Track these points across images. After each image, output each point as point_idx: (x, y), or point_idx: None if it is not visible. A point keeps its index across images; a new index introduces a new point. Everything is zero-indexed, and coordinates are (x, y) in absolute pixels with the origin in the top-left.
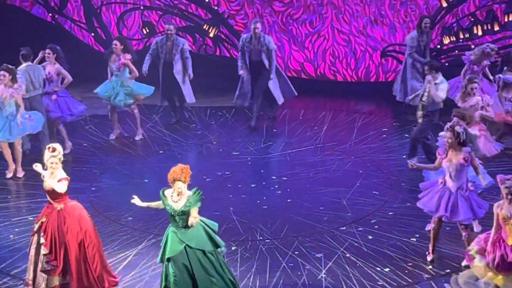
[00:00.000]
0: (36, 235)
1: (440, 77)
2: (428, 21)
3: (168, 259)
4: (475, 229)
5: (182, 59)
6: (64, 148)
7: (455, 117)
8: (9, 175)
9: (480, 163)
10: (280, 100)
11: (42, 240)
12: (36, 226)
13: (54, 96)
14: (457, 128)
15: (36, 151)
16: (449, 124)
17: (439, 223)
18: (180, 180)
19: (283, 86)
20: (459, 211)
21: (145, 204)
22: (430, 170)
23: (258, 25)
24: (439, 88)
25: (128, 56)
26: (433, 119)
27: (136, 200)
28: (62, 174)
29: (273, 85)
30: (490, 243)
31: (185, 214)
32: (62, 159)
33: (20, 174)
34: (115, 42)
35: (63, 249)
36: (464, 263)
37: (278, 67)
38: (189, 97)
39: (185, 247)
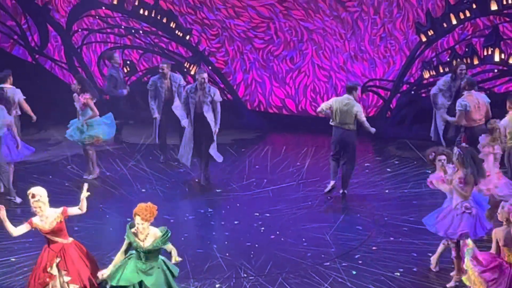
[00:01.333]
0: (55, 277)
1: None
2: (464, 68)
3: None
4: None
5: (213, 110)
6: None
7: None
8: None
9: None
10: (219, 158)
11: (67, 279)
12: (53, 269)
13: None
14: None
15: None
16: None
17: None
18: (139, 216)
19: None
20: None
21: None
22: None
23: (205, 75)
24: None
25: (87, 96)
26: None
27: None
28: (52, 210)
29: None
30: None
31: (150, 252)
32: (46, 199)
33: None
34: (73, 82)
35: (88, 280)
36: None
37: None
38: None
39: (140, 281)
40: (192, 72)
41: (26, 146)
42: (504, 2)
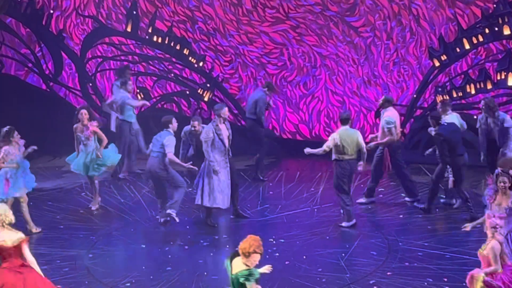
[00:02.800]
0: None
1: None
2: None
3: None
4: None
5: None
6: None
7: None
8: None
9: None
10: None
11: None
12: None
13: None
14: (511, 172)
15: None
16: (500, 169)
17: None
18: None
19: None
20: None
21: None
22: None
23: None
24: None
25: (95, 123)
26: None
27: None
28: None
29: None
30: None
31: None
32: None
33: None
34: (82, 111)
35: None
36: None
37: None
38: None
39: None
40: (206, 99)
41: None
42: None
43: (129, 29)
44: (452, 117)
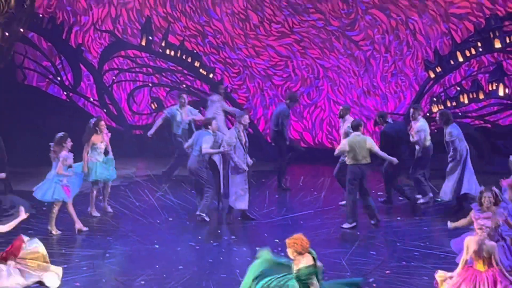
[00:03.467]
0: None
1: None
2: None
3: None
4: None
5: None
6: None
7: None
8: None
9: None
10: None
11: None
12: None
13: None
14: (494, 189)
15: None
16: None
17: None
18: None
19: None
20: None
21: None
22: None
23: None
24: None
25: (109, 133)
26: None
27: None
28: None
29: None
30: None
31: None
32: None
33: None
34: (101, 122)
35: None
36: None
37: None
38: None
39: None
40: None
41: None
42: (508, 40)
43: (143, 43)
44: (422, 123)
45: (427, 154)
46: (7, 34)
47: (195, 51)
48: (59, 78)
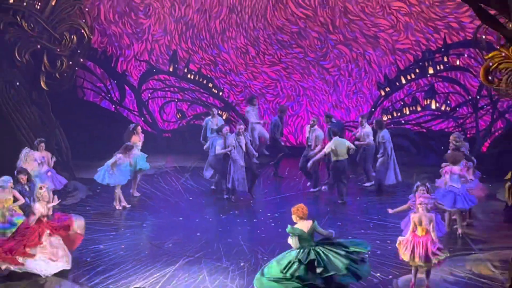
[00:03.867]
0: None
1: None
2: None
3: None
4: None
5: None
6: None
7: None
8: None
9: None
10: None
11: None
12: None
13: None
14: (427, 184)
15: None
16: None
17: None
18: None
19: None
20: None
21: None
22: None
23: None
24: None
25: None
26: None
27: None
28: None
29: None
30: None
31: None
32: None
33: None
34: (139, 127)
35: None
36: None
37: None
38: None
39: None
40: (224, 117)
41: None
42: (438, 68)
43: (171, 69)
44: (369, 129)
45: (371, 150)
46: (70, 63)
47: (208, 76)
48: (109, 95)
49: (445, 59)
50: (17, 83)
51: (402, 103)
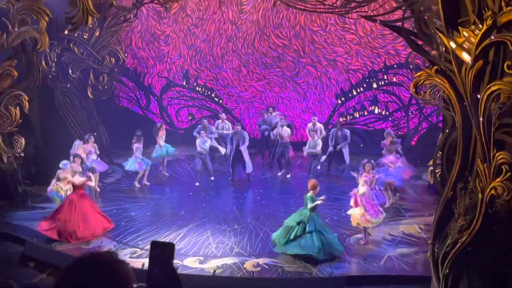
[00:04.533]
0: None
1: None
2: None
3: None
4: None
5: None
6: None
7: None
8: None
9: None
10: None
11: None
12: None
13: None
14: (372, 161)
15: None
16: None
17: None
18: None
19: None
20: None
21: None
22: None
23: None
24: None
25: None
26: None
27: None
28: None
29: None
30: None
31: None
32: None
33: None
34: (163, 125)
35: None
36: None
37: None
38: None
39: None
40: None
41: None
42: (380, 83)
43: (184, 83)
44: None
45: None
46: (110, 78)
47: (212, 88)
48: (138, 102)
49: (385, 77)
50: (71, 93)
51: (353, 109)
